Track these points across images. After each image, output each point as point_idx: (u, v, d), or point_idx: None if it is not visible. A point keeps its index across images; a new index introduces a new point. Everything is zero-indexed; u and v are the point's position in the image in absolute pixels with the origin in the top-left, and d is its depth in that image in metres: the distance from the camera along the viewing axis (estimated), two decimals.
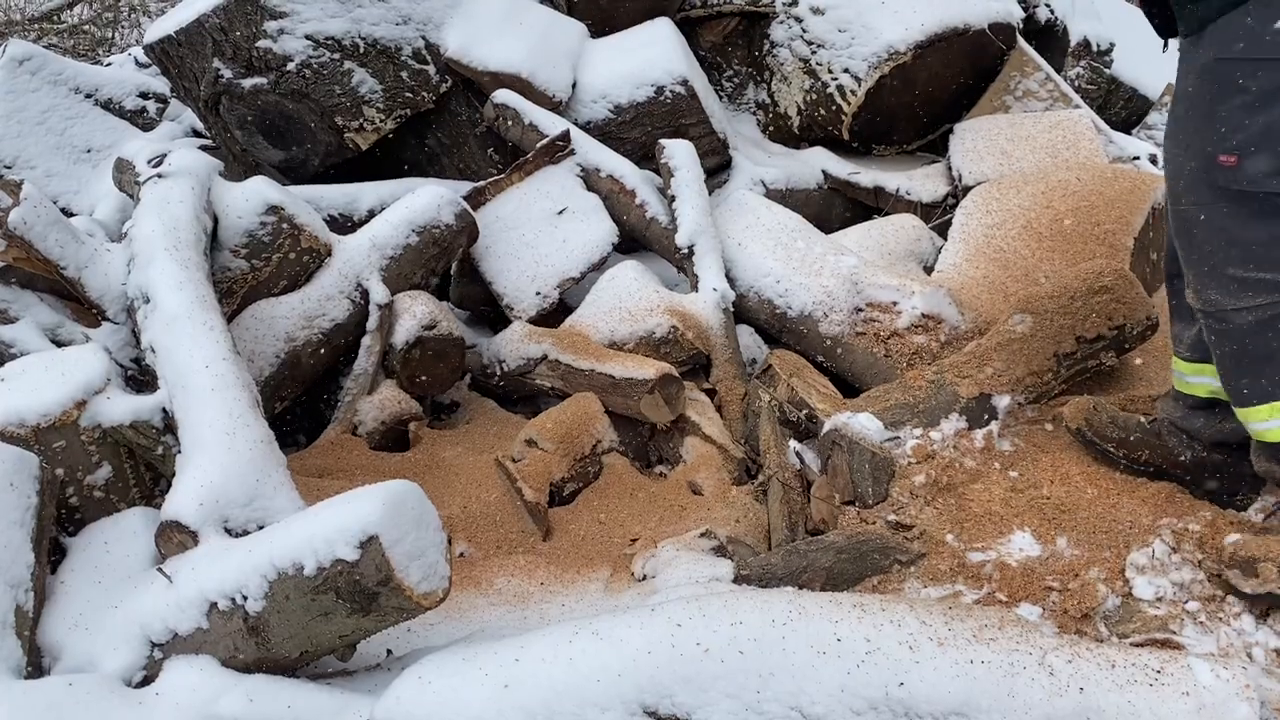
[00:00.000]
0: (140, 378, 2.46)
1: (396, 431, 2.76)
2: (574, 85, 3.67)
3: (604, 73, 3.68)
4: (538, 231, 3.21)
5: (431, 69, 3.57)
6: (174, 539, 1.83)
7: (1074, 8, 4.63)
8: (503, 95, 3.52)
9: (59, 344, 2.46)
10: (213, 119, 3.61)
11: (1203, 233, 1.80)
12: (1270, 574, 1.79)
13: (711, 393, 2.75)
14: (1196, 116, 1.77)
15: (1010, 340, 2.47)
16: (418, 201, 3.05)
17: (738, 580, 2.05)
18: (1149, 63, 5.53)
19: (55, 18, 8.93)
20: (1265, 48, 1.66)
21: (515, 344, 2.89)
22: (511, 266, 3.18)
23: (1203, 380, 2.04)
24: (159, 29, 3.58)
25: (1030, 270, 2.85)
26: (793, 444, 2.46)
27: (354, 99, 3.47)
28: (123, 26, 9.14)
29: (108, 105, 4.36)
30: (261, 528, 1.82)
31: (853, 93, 3.70)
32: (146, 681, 1.71)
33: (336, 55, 3.43)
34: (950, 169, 3.60)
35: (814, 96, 3.86)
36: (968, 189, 3.36)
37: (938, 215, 3.50)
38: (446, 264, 3.17)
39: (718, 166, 3.74)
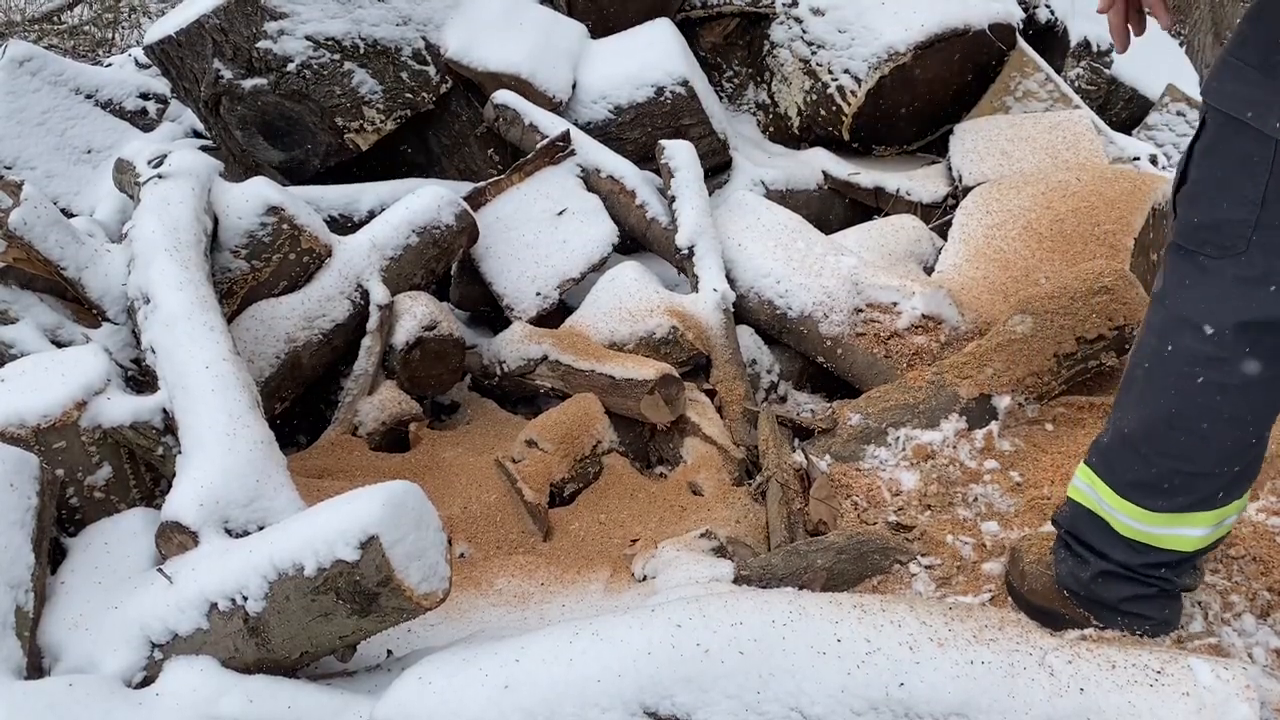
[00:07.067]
0: (140, 378, 2.45)
1: (397, 432, 2.76)
2: (574, 86, 3.67)
3: (604, 73, 3.67)
4: (538, 232, 3.21)
5: (432, 69, 3.57)
6: (174, 539, 1.83)
7: (1074, 8, 4.63)
8: (503, 96, 3.52)
9: (59, 344, 2.45)
10: (213, 120, 3.61)
11: None
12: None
13: (712, 393, 2.75)
14: None
15: (1010, 341, 2.47)
16: (418, 202, 3.05)
17: (738, 581, 2.05)
18: (1149, 64, 5.53)
19: (55, 18, 8.93)
20: (1207, 92, 1.45)
21: (515, 345, 2.89)
22: (511, 267, 3.17)
23: None
24: (159, 30, 3.58)
25: (1030, 271, 2.85)
26: (798, 443, 2.46)
27: (354, 100, 3.47)
28: (123, 27, 9.13)
29: (108, 106, 4.36)
30: (262, 528, 1.82)
31: (853, 93, 3.70)
32: (147, 682, 1.71)
33: (337, 56, 3.43)
34: (950, 169, 3.60)
35: (814, 97, 3.86)
36: (968, 189, 3.36)
37: (938, 216, 3.50)
38: (446, 265, 3.17)
39: (718, 167, 3.73)
